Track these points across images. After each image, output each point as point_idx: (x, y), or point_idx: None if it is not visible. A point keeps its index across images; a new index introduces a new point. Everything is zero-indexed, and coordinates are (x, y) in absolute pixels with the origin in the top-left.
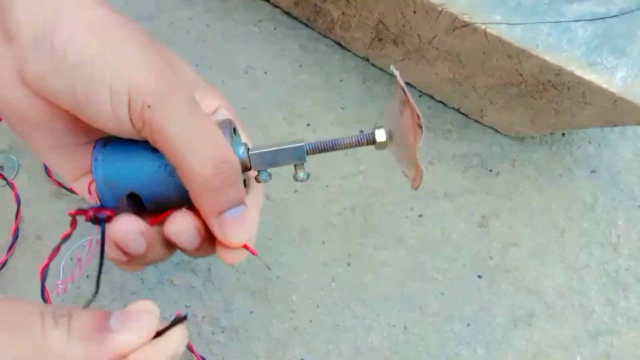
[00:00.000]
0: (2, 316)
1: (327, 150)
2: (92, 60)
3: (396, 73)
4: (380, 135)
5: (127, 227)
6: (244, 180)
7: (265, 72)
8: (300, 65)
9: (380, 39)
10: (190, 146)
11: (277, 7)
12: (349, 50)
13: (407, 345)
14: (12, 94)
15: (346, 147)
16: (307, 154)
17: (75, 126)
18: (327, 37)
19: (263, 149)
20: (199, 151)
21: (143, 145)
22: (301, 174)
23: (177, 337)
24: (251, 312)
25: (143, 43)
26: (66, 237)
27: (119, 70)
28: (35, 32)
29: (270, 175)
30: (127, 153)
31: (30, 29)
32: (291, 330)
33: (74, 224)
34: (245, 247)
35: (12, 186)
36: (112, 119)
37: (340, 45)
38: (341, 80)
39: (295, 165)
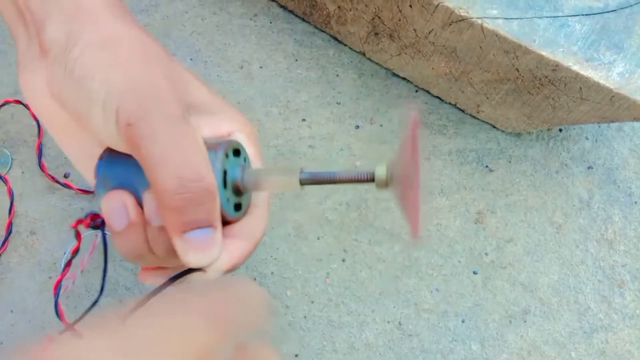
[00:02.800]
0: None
1: (325, 183)
2: (93, 76)
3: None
4: (381, 171)
5: (113, 198)
6: (238, 204)
7: (261, 67)
8: (296, 60)
9: (376, 34)
10: (160, 163)
11: (273, 0)
12: (345, 45)
13: (402, 342)
14: (45, 105)
15: (345, 182)
16: (302, 184)
17: None
18: (323, 31)
19: (260, 173)
20: (167, 168)
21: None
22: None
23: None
24: None
25: (149, 62)
26: (76, 251)
27: (113, 87)
28: (59, 48)
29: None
30: (129, 161)
31: (57, 45)
32: (285, 326)
33: (79, 236)
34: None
35: (5, 181)
36: (106, 133)
37: (336, 39)
38: (337, 75)
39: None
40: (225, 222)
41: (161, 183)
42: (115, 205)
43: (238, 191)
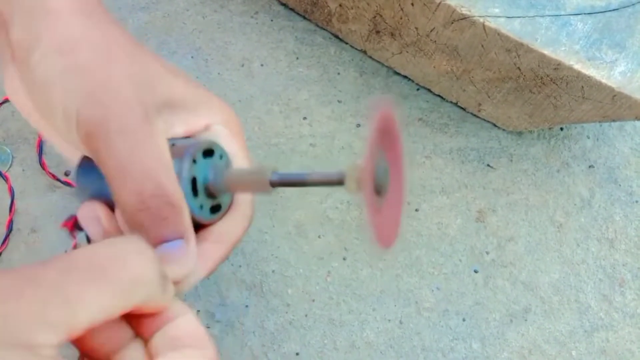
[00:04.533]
0: None
1: (295, 185)
2: (53, 83)
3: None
4: (351, 175)
5: (86, 210)
6: (216, 206)
7: (262, 65)
8: (297, 58)
9: (377, 32)
10: (120, 177)
11: None
12: (346, 43)
13: (403, 340)
14: (26, 105)
15: (315, 184)
16: (272, 185)
17: None
18: (324, 29)
19: (230, 174)
20: (126, 183)
21: None
22: None
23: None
24: (246, 306)
25: (110, 63)
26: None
27: (72, 95)
28: (22, 51)
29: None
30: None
31: (20, 48)
32: (286, 325)
33: (73, 236)
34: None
35: (6, 178)
36: (71, 142)
37: (337, 37)
38: (338, 73)
39: None
40: (204, 225)
41: (122, 199)
42: (89, 216)
43: (214, 193)
